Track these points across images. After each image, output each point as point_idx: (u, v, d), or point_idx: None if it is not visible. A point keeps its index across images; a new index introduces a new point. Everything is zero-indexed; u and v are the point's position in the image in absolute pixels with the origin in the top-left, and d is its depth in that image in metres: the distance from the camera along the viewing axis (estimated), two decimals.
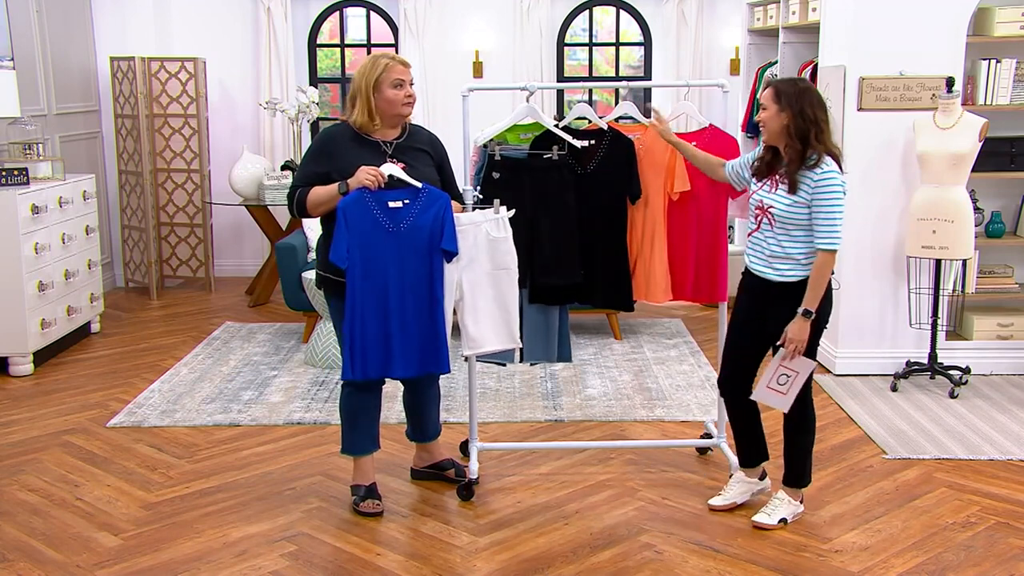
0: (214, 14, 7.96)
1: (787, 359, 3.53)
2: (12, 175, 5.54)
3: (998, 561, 3.46)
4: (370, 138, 3.67)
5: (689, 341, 6.23)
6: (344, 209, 3.51)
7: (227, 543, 3.60)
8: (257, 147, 7.95)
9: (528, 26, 7.85)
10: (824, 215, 3.43)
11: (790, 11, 6.40)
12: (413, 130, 3.78)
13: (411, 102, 3.68)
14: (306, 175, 3.66)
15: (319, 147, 3.70)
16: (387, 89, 3.61)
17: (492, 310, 3.79)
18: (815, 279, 3.47)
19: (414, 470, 4.16)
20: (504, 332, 3.82)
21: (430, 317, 3.62)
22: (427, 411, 4.06)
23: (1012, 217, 5.64)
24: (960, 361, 5.37)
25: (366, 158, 3.60)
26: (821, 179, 3.42)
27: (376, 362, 3.61)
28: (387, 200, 3.54)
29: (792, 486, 3.73)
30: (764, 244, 3.58)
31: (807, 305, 3.47)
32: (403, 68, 3.65)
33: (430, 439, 4.11)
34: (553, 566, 3.43)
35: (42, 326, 5.66)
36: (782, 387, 3.56)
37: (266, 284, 7.31)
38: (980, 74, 5.34)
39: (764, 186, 3.58)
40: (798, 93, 3.45)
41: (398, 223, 3.56)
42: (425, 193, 3.59)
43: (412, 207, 3.58)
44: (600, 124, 4.06)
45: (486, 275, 3.76)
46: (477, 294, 3.76)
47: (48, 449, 4.50)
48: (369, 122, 3.63)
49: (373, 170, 3.52)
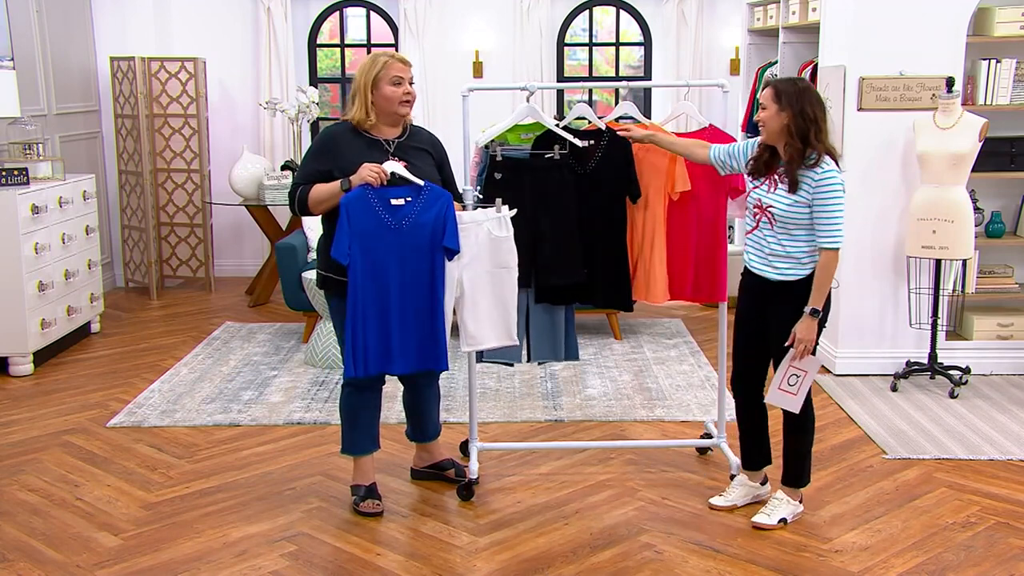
0: (214, 14, 7.96)
1: (797, 359, 3.54)
2: (12, 175, 5.54)
3: (998, 561, 3.46)
4: (371, 136, 3.67)
5: (689, 341, 6.23)
6: (347, 206, 3.52)
7: (227, 543, 3.60)
8: (257, 147, 7.95)
9: (528, 26, 7.86)
10: (826, 214, 3.43)
11: (790, 11, 6.40)
12: (414, 130, 3.79)
13: (410, 100, 3.68)
14: (308, 173, 3.67)
15: (321, 145, 3.70)
16: (385, 86, 3.62)
17: (491, 308, 3.80)
18: (821, 278, 3.48)
19: (414, 470, 4.16)
20: (502, 330, 3.83)
21: (430, 315, 3.63)
22: (427, 411, 4.05)
23: (1012, 217, 5.64)
24: (960, 361, 5.37)
25: (368, 156, 3.61)
26: (822, 178, 3.42)
27: (376, 358, 3.61)
28: (389, 197, 3.55)
29: (791, 486, 3.73)
30: (764, 243, 3.58)
31: (814, 304, 3.48)
32: (402, 66, 3.66)
33: (430, 439, 4.10)
34: (553, 566, 3.43)
35: (42, 326, 5.66)
36: (792, 388, 3.57)
37: (266, 284, 7.31)
38: (980, 74, 5.34)
39: (762, 185, 3.58)
40: (798, 92, 3.45)
41: (400, 220, 3.56)
42: (427, 191, 3.60)
43: (414, 204, 3.58)
44: (599, 124, 4.06)
45: (487, 273, 3.77)
46: (477, 292, 3.77)
47: (48, 449, 4.50)
48: (365, 118, 3.64)
49: (376, 167, 3.53)
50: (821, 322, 3.56)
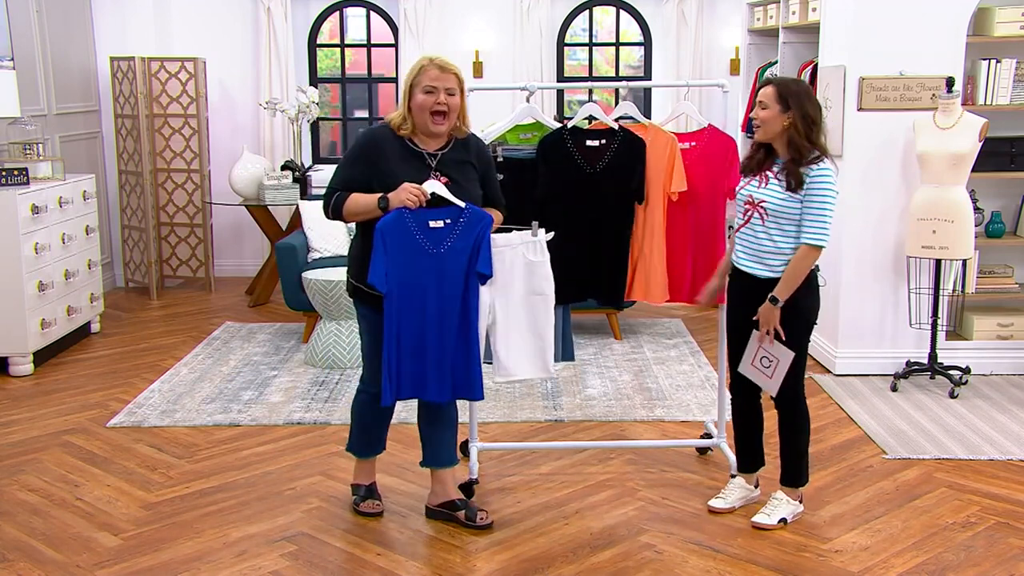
0: (214, 14, 7.96)
1: (762, 340, 3.56)
2: (12, 175, 5.53)
3: (998, 561, 3.46)
4: (414, 147, 3.49)
5: (689, 341, 6.23)
6: (383, 231, 3.36)
7: (227, 543, 3.60)
8: (257, 147, 7.95)
9: (528, 26, 7.86)
10: (815, 211, 3.45)
11: (790, 11, 6.40)
12: (464, 141, 3.56)
13: (443, 112, 3.42)
14: (345, 179, 3.49)
15: (360, 151, 3.51)
16: (418, 94, 3.41)
17: (526, 337, 3.66)
18: (793, 271, 3.49)
19: (428, 508, 3.84)
20: (538, 361, 3.68)
21: (465, 343, 3.49)
22: (441, 434, 3.79)
23: (1012, 217, 5.64)
24: (960, 361, 5.37)
25: (409, 172, 3.42)
26: (817, 175, 3.45)
27: (409, 384, 3.49)
28: (428, 219, 3.39)
29: (789, 485, 3.73)
30: (754, 239, 3.59)
31: (777, 293, 3.50)
32: (438, 73, 3.41)
33: (442, 465, 3.80)
34: (553, 566, 3.43)
35: (42, 326, 5.66)
36: (766, 369, 3.59)
37: (266, 284, 7.31)
38: (980, 74, 5.34)
39: (752, 181, 3.61)
40: (800, 93, 3.48)
41: (438, 245, 3.41)
42: (468, 213, 3.43)
43: (453, 228, 3.42)
44: (611, 124, 4.04)
45: (520, 300, 3.62)
46: (511, 321, 3.63)
47: (48, 449, 4.50)
48: (401, 125, 3.46)
49: (416, 189, 3.35)
50: (810, 319, 3.59)
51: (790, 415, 3.66)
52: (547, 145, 4.00)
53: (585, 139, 4.00)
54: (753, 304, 3.60)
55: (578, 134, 4.01)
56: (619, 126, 4.05)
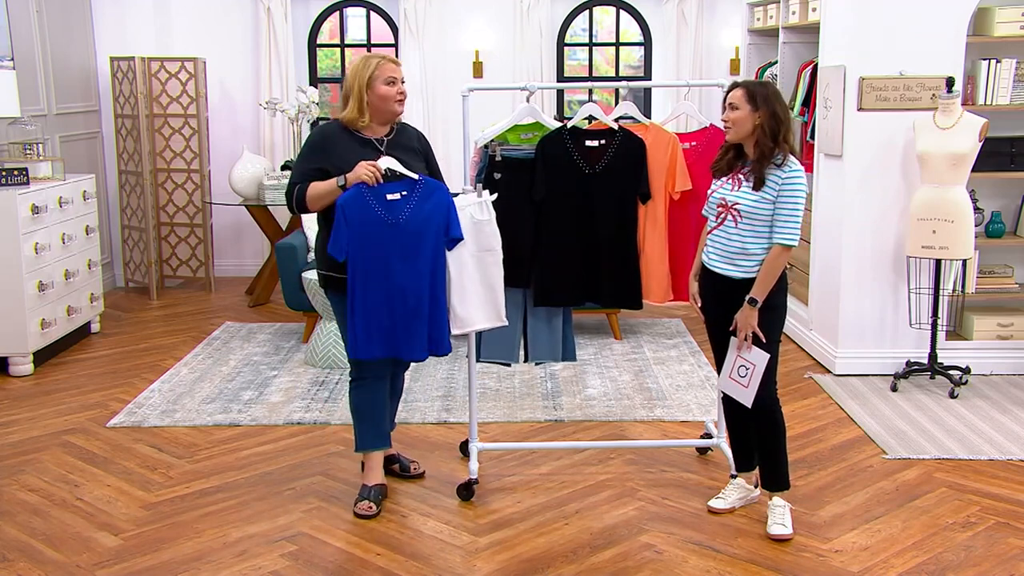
0: (214, 14, 7.96)
1: (740, 348, 3.58)
2: (12, 175, 5.54)
3: (998, 561, 3.46)
4: (363, 136, 3.74)
5: (689, 341, 6.23)
6: (343, 206, 3.58)
7: (227, 543, 3.60)
8: (257, 147, 7.95)
9: (528, 26, 7.85)
10: (787, 211, 3.50)
11: (790, 11, 6.40)
12: (400, 127, 3.87)
13: (403, 99, 3.78)
14: (303, 172, 3.72)
15: (314, 144, 3.76)
16: (380, 86, 3.69)
17: (479, 290, 3.86)
18: (767, 272, 3.53)
19: None
20: (491, 311, 3.90)
21: (432, 302, 3.69)
22: (393, 404, 4.12)
23: (1012, 217, 5.64)
24: (960, 361, 5.37)
25: (361, 153, 3.68)
26: (789, 176, 3.50)
27: (381, 343, 3.67)
28: (385, 193, 3.62)
29: (770, 490, 3.71)
30: (726, 241, 3.62)
31: (755, 295, 3.53)
32: (395, 66, 3.75)
33: None
34: (553, 566, 3.43)
35: (42, 326, 5.66)
36: (743, 379, 3.60)
37: (266, 284, 7.31)
38: (980, 74, 5.34)
39: (725, 184, 3.64)
40: (769, 95, 3.54)
41: (396, 215, 3.63)
42: (423, 184, 3.68)
43: (410, 198, 3.66)
44: (610, 124, 4.04)
45: (472, 256, 3.83)
46: (464, 275, 3.82)
47: (48, 449, 4.50)
48: (359, 118, 3.70)
49: (371, 164, 3.60)
50: (780, 316, 3.62)
51: (769, 422, 3.66)
52: (547, 145, 4.01)
53: (584, 139, 4.01)
54: (728, 304, 3.63)
55: (577, 134, 4.02)
56: (618, 126, 4.05)
